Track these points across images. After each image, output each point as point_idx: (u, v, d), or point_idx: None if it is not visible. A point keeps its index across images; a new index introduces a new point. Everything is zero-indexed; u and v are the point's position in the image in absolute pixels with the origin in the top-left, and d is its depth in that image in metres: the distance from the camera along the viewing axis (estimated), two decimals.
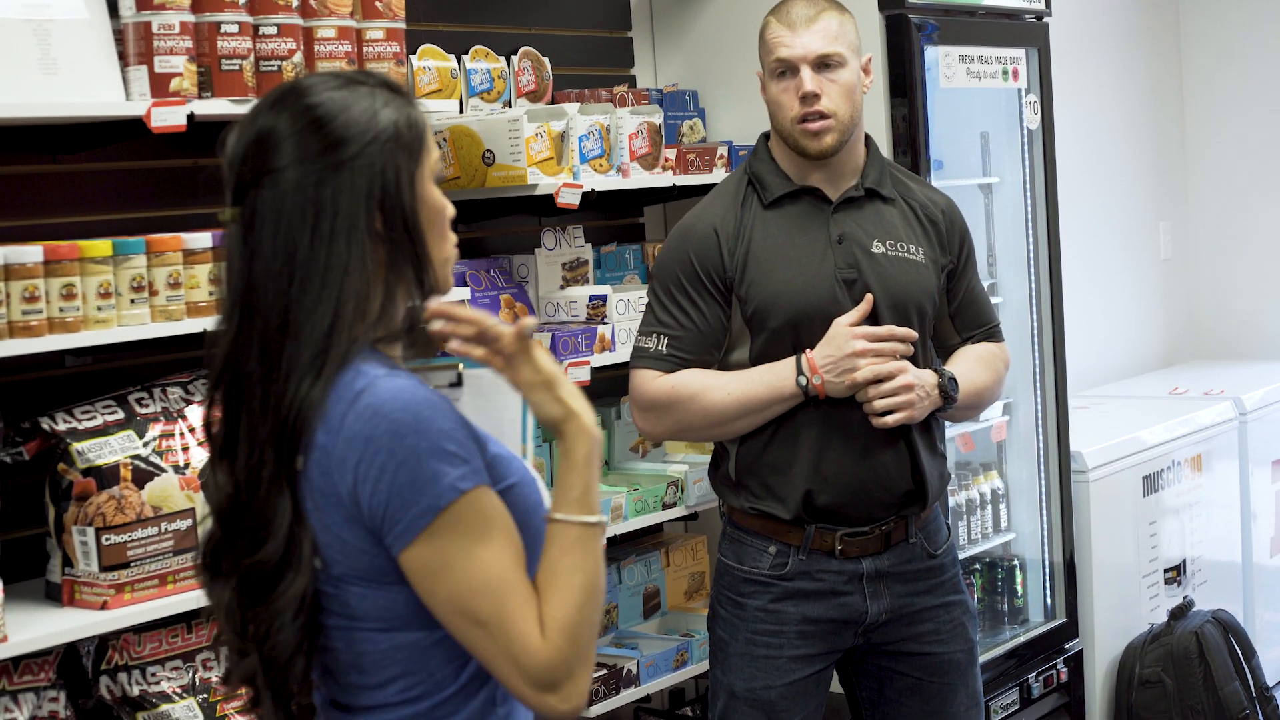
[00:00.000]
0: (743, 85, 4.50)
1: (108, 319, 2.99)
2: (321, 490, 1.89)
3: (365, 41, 3.45)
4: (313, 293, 1.89)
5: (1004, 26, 4.69)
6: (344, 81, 1.98)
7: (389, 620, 1.93)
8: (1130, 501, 5.24)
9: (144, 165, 3.49)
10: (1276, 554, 6.02)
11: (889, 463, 3.29)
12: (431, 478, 1.85)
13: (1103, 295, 6.31)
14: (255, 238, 1.92)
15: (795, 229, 3.31)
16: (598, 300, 3.96)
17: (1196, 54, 6.96)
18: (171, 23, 3.09)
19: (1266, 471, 5.96)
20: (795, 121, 3.27)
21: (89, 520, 3.03)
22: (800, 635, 3.30)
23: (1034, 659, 4.81)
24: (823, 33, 3.27)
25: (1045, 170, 4.85)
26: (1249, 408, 5.86)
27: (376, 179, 1.93)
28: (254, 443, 1.91)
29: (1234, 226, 6.94)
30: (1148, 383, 6.39)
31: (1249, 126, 6.88)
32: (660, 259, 3.38)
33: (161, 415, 3.18)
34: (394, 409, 1.86)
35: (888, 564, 3.33)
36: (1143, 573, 5.29)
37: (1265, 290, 6.89)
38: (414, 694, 1.96)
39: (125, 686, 3.12)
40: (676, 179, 4.16)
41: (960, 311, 3.46)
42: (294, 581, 1.90)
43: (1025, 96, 4.79)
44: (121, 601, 3.03)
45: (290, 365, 1.89)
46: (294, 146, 1.92)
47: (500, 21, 4.30)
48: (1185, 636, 5.06)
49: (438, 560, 1.86)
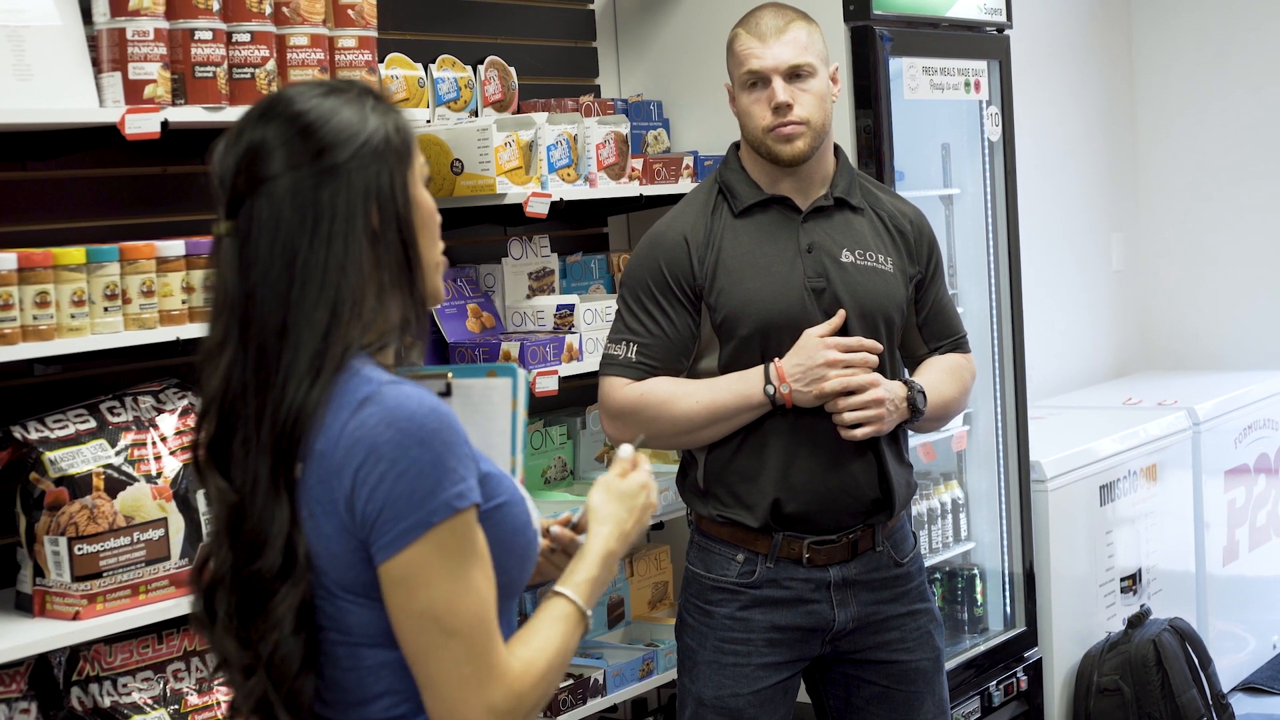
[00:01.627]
0: (706, 96, 4.52)
1: (81, 327, 2.97)
2: (318, 498, 1.88)
3: (337, 49, 3.45)
4: (311, 295, 1.89)
5: (966, 39, 4.73)
6: (327, 90, 1.98)
7: (374, 636, 1.92)
8: (1087, 511, 5.28)
9: (115, 173, 3.47)
10: (1229, 563, 6.07)
11: (857, 471, 3.31)
12: (429, 492, 1.85)
13: (1057, 306, 6.36)
14: (252, 248, 1.91)
15: (765, 238, 3.32)
16: (565, 310, 3.96)
17: (1148, 68, 7.02)
18: (146, 29, 3.07)
19: (1219, 481, 6.01)
20: (767, 130, 3.28)
21: (61, 530, 3.00)
22: (768, 643, 3.31)
23: (994, 667, 4.84)
24: (793, 43, 3.28)
25: (1006, 182, 4.88)
26: (1202, 418, 5.91)
27: (372, 181, 1.93)
28: (250, 453, 1.90)
29: (1185, 239, 7.00)
30: (1101, 393, 6.44)
31: (1199, 140, 6.94)
32: (630, 267, 3.38)
33: (133, 424, 3.16)
34: (400, 418, 1.86)
35: (855, 572, 3.34)
36: (1099, 581, 5.33)
37: (1215, 301, 6.96)
38: (398, 712, 1.95)
39: (97, 697, 3.10)
40: (643, 189, 4.16)
41: (928, 322, 3.48)
42: (291, 591, 1.88)
43: (986, 108, 4.82)
44: (94, 612, 3.01)
45: (288, 371, 1.88)
46: (286, 154, 1.92)
47: (466, 31, 4.30)
48: (1143, 644, 5.10)
49: (420, 575, 1.85)
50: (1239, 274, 6.90)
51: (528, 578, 2.04)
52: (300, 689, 1.92)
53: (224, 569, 1.95)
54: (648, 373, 3.28)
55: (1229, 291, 6.92)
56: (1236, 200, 6.89)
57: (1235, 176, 6.88)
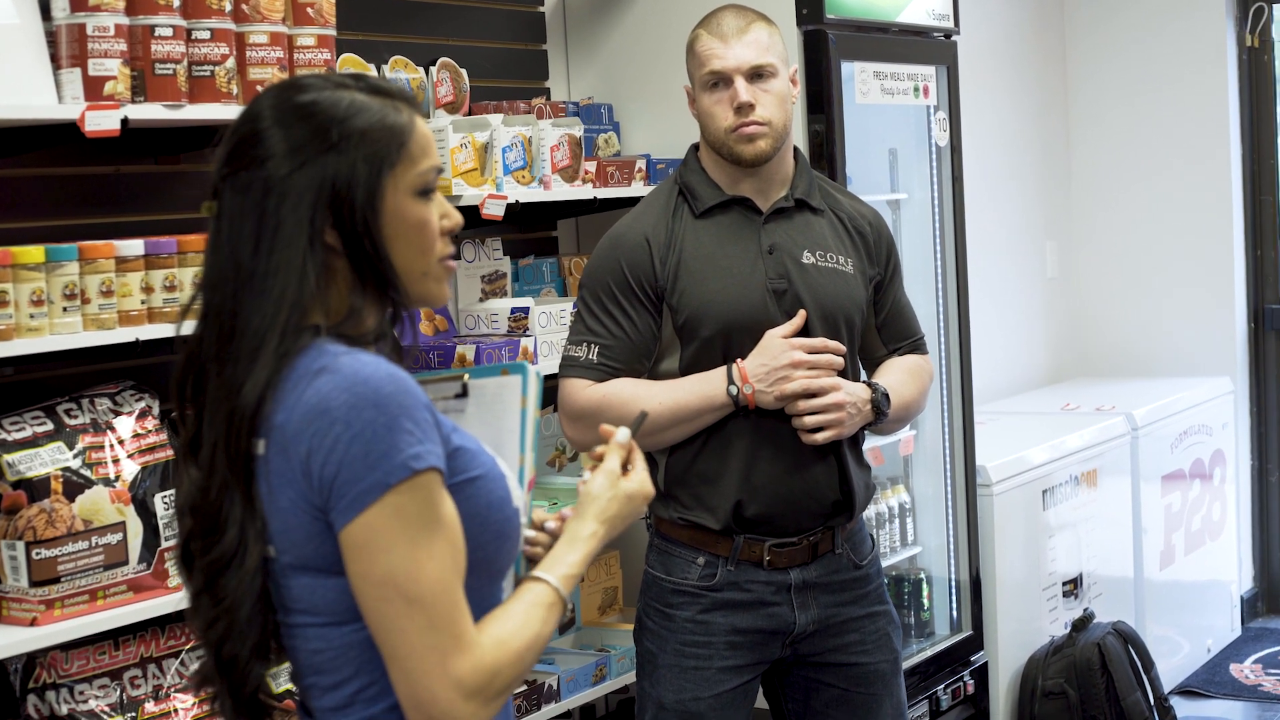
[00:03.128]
0: (656, 99, 4.51)
1: (40, 327, 2.92)
2: (278, 470, 1.86)
3: (296, 48, 3.40)
4: (255, 291, 1.88)
5: (915, 44, 4.74)
6: (338, 84, 1.96)
7: (340, 614, 1.89)
8: (1030, 515, 5.30)
9: (68, 172, 3.41)
10: (1165, 567, 6.12)
11: (818, 473, 3.30)
12: (384, 454, 1.81)
13: (993, 313, 6.39)
14: (219, 232, 1.93)
15: (726, 239, 3.32)
16: (519, 313, 3.93)
17: (1081, 75, 7.07)
18: (106, 25, 3.02)
19: (1156, 486, 6.06)
20: (729, 131, 3.27)
21: (19, 534, 2.94)
22: (729, 646, 3.30)
23: (941, 672, 4.85)
24: (754, 44, 3.28)
25: (954, 187, 4.90)
26: (1139, 423, 5.95)
27: (325, 187, 1.90)
28: (211, 437, 1.90)
29: (1117, 247, 7.06)
30: (1038, 399, 6.48)
31: (1130, 149, 6.99)
32: (590, 268, 3.36)
33: (90, 427, 3.10)
34: (354, 382, 1.84)
35: (815, 575, 3.34)
36: (1042, 585, 5.36)
37: (1148, 309, 7.01)
38: (372, 693, 1.92)
39: (54, 705, 3.04)
40: (597, 191, 4.14)
41: (887, 323, 3.48)
42: (241, 584, 1.87)
43: (935, 113, 4.84)
44: (51, 618, 2.95)
45: (235, 357, 1.88)
46: (262, 146, 1.91)
47: (417, 31, 4.26)
48: (1087, 648, 5.12)
49: (379, 540, 1.82)
50: (1170, 282, 6.96)
51: (509, 558, 2.00)
52: (248, 674, 1.90)
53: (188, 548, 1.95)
54: (609, 374, 3.26)
55: (1161, 299, 6.98)
56: (1167, 209, 6.94)
57: (1165, 186, 6.94)
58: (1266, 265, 6.97)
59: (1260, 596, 7.01)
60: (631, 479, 2.18)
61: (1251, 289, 6.96)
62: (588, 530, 2.09)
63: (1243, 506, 6.90)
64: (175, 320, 3.04)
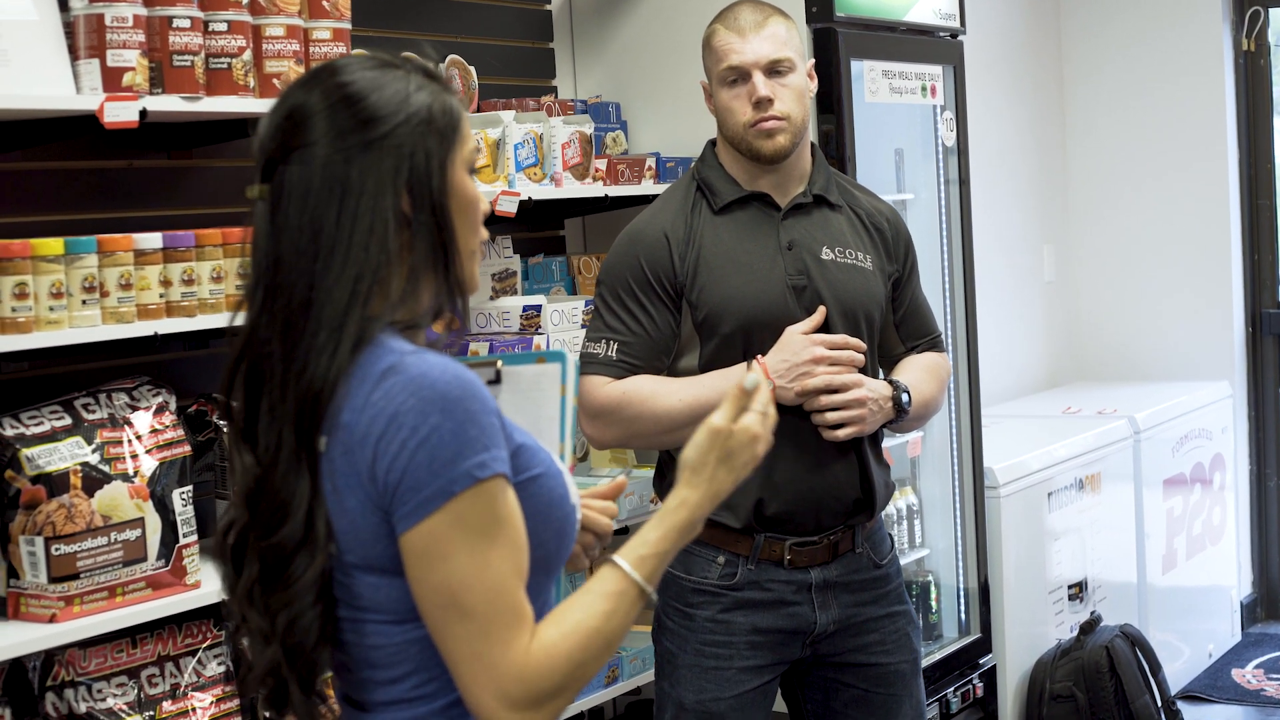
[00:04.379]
0: (664, 98, 4.49)
1: (59, 320, 2.88)
2: (342, 471, 1.84)
3: (312, 41, 3.38)
4: (334, 269, 1.85)
5: (923, 43, 4.72)
6: (379, 63, 1.94)
7: (401, 613, 1.87)
8: (1037, 518, 5.28)
9: (81, 165, 3.37)
10: (1168, 572, 6.11)
11: (839, 471, 3.28)
12: (449, 461, 1.79)
13: (991, 317, 6.36)
14: (283, 214, 1.89)
15: (745, 235, 3.29)
16: (532, 311, 3.90)
17: (1077, 78, 7.07)
18: (125, 15, 2.99)
19: (1158, 490, 6.04)
20: (748, 126, 3.25)
21: (38, 529, 2.91)
22: (750, 646, 3.27)
23: (950, 675, 4.82)
24: (772, 38, 3.26)
25: (961, 187, 4.88)
26: (1142, 426, 5.94)
27: (405, 160, 1.89)
28: (274, 423, 1.87)
29: (1114, 250, 7.05)
30: (1038, 403, 6.46)
31: (1127, 152, 6.99)
32: (608, 264, 3.34)
33: (108, 421, 3.07)
34: (423, 386, 1.81)
35: (835, 574, 3.31)
36: (1049, 589, 5.34)
37: (1145, 313, 7.00)
38: (427, 690, 1.90)
39: (72, 703, 3.00)
40: (608, 189, 4.12)
41: (905, 321, 3.46)
42: (310, 564, 1.84)
43: (942, 113, 4.82)
44: (70, 614, 2.92)
45: (309, 344, 1.85)
46: (325, 123, 1.89)
47: (425, 28, 4.24)
48: (1096, 651, 5.10)
49: (438, 547, 1.80)
50: (1168, 286, 6.95)
51: (566, 554, 1.98)
52: (315, 662, 1.88)
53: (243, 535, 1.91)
54: (629, 371, 3.23)
55: (1158, 303, 6.97)
56: (1164, 213, 6.94)
57: (1163, 188, 6.93)
58: (1264, 269, 6.96)
59: (1260, 602, 7.00)
60: (743, 425, 2.02)
61: (1249, 293, 6.95)
62: (674, 501, 2.00)
63: (1242, 511, 6.89)
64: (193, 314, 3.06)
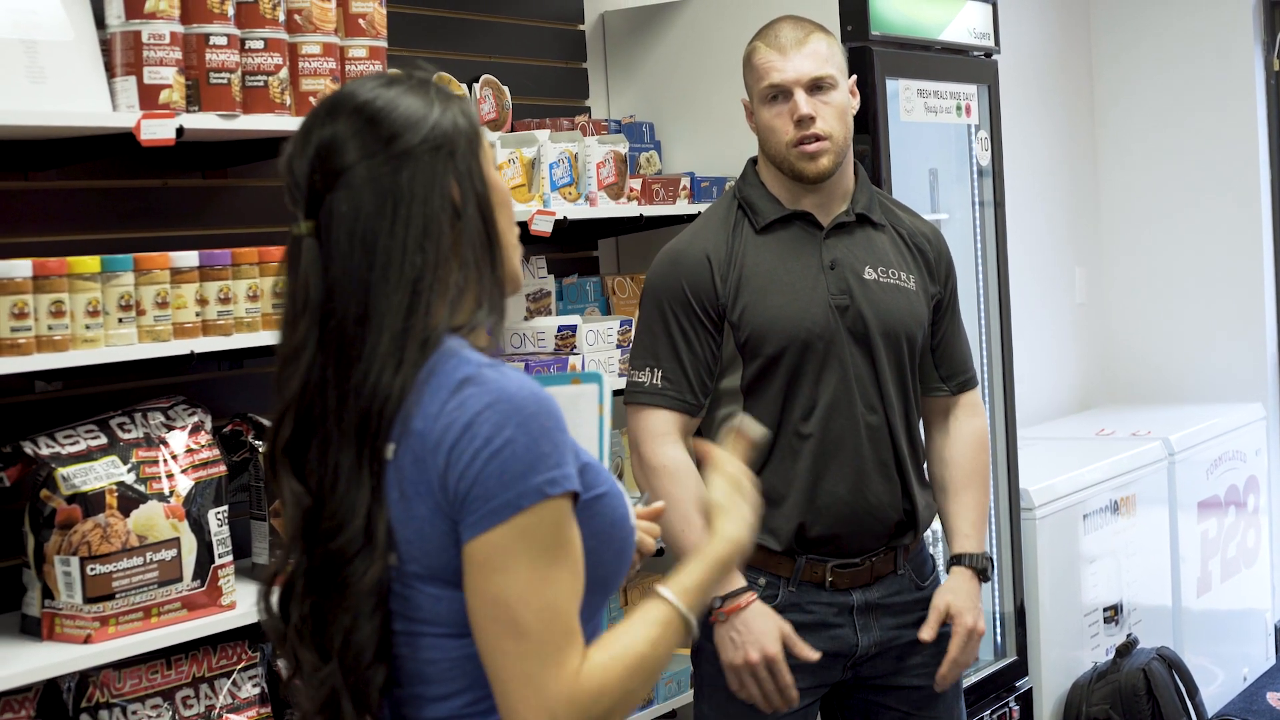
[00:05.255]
0: (698, 118, 4.47)
1: (95, 338, 2.86)
2: (412, 478, 1.82)
3: (348, 59, 3.36)
4: (392, 277, 1.84)
5: (957, 62, 4.69)
6: (383, 82, 1.94)
7: (459, 626, 1.84)
8: (1072, 540, 5.24)
9: (115, 184, 3.36)
10: (1202, 595, 6.06)
11: (882, 493, 3.25)
12: (520, 475, 1.78)
13: (1023, 339, 6.32)
14: (333, 243, 1.87)
15: (787, 254, 3.26)
16: (567, 331, 3.88)
17: (1108, 100, 7.04)
18: (162, 32, 2.97)
19: (1192, 513, 6.00)
20: (791, 145, 3.22)
21: (73, 549, 2.88)
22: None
23: (986, 698, 4.78)
24: (813, 55, 3.23)
25: (996, 209, 4.85)
26: (1176, 448, 5.89)
27: (447, 162, 1.89)
28: (330, 448, 1.85)
29: (1146, 272, 7.01)
30: (1071, 425, 6.43)
31: (1159, 172, 6.96)
32: (650, 284, 3.31)
33: (144, 441, 3.05)
34: (500, 399, 1.80)
35: (877, 596, 3.28)
36: (1084, 611, 5.29)
37: (1177, 335, 6.96)
38: (480, 709, 1.87)
39: None
40: (643, 209, 4.10)
41: (943, 348, 3.41)
42: (369, 569, 1.82)
43: (976, 133, 4.79)
44: (106, 635, 2.89)
45: (370, 355, 1.83)
46: (358, 144, 1.88)
47: (458, 48, 4.22)
48: (1133, 674, 5.05)
49: (500, 559, 1.78)
50: (1200, 307, 6.91)
51: (623, 575, 1.96)
52: (370, 679, 1.85)
53: (298, 574, 1.89)
54: (674, 401, 3.21)
55: (1191, 325, 6.94)
56: (1197, 233, 6.90)
57: (1195, 209, 6.90)
58: None
59: None
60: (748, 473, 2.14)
61: None
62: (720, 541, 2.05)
63: (1276, 534, 6.83)
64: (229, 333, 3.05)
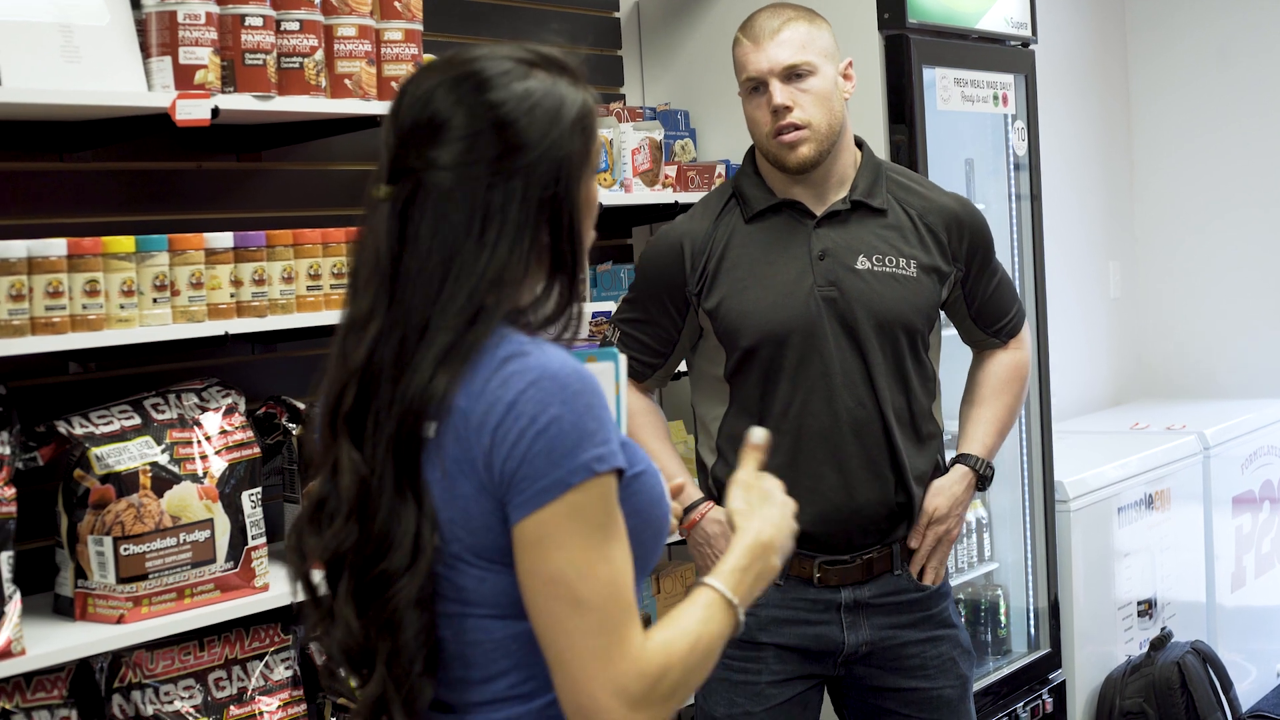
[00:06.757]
0: (732, 105, 4.38)
1: (130, 318, 2.86)
2: (455, 457, 1.79)
3: (384, 42, 3.35)
4: (460, 297, 1.80)
5: (994, 51, 4.67)
6: (525, 70, 1.87)
7: (505, 606, 1.83)
8: (1106, 533, 5.21)
9: (149, 166, 3.35)
10: (1236, 590, 6.02)
11: (870, 490, 3.18)
12: (568, 452, 1.76)
13: (1057, 333, 6.28)
14: (413, 229, 1.83)
15: (774, 244, 3.20)
16: (601, 317, 3.86)
17: (1144, 93, 7.01)
18: (197, 13, 2.97)
19: (1227, 507, 5.96)
20: (770, 136, 3.17)
21: (107, 529, 2.88)
22: (777, 660, 3.20)
23: (1019, 690, 4.75)
24: (788, 43, 3.15)
25: (1032, 198, 4.82)
26: (1211, 442, 5.86)
27: (550, 187, 1.84)
28: (381, 428, 1.82)
29: (1181, 266, 6.97)
30: (1105, 419, 6.39)
31: (1195, 167, 6.92)
32: (638, 259, 3.37)
33: (178, 422, 3.04)
34: (544, 376, 1.77)
35: (869, 594, 3.21)
36: (1118, 604, 5.26)
37: (1212, 329, 6.92)
38: (525, 690, 1.85)
39: (139, 705, 2.98)
40: (678, 195, 4.08)
41: (981, 313, 3.34)
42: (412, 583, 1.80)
43: (1013, 123, 4.76)
44: (139, 615, 2.89)
45: (418, 363, 1.81)
46: (468, 146, 1.83)
47: (494, 34, 4.21)
48: (1167, 667, 5.02)
49: (554, 538, 1.76)
50: (1235, 301, 6.87)
51: (659, 554, 1.94)
52: (420, 690, 1.83)
53: (346, 545, 1.85)
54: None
55: (1225, 319, 6.89)
56: (1233, 227, 6.86)
57: (1231, 203, 6.86)
58: None
59: None
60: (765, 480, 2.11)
61: None
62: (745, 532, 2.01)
63: None
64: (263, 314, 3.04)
